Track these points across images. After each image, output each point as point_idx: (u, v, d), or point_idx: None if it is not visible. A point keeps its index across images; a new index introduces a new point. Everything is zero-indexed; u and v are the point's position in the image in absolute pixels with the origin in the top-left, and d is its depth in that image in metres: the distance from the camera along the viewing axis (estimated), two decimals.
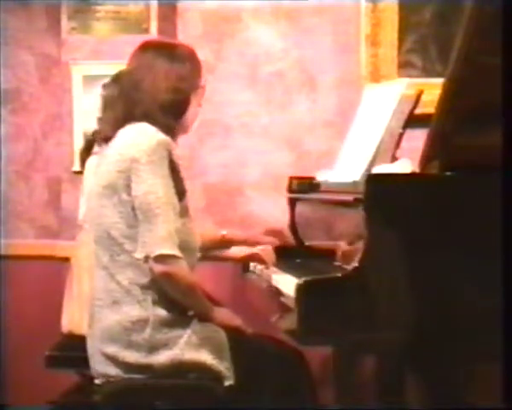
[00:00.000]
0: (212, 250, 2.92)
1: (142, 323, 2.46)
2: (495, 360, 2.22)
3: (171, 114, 2.55)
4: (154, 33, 3.72)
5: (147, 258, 2.43)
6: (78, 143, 3.81)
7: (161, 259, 2.42)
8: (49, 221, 3.98)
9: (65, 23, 3.83)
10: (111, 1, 3.80)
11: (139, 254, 2.44)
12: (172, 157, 2.47)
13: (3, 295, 3.87)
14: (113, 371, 2.49)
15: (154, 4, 3.78)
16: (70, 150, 3.84)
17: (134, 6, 3.80)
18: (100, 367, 2.52)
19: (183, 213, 2.52)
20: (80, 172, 3.77)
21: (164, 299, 2.47)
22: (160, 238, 2.41)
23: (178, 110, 2.58)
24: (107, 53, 3.77)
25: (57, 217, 3.91)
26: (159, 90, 2.55)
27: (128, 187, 2.45)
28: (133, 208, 2.45)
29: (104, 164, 2.53)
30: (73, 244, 3.35)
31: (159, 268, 2.43)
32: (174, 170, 2.48)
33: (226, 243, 2.97)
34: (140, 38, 2.81)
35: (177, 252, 2.43)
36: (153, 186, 2.43)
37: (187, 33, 3.67)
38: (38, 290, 3.89)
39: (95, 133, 2.96)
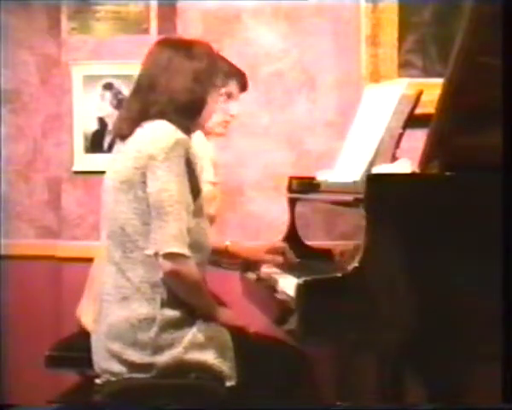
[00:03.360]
0: (214, 259, 2.89)
1: (149, 321, 2.46)
2: (495, 360, 2.22)
3: (187, 114, 2.55)
4: (153, 33, 3.72)
5: (156, 255, 2.44)
6: (78, 143, 3.82)
7: (170, 257, 2.42)
8: (49, 221, 3.98)
9: (65, 23, 3.83)
10: (111, 1, 3.80)
11: (150, 251, 2.45)
12: (189, 156, 2.48)
13: (3, 295, 3.87)
14: (116, 367, 2.49)
15: (153, 4, 3.78)
16: (70, 150, 3.84)
17: (134, 6, 3.80)
18: (103, 363, 2.53)
19: (198, 212, 2.53)
20: (80, 173, 3.79)
21: (172, 299, 2.48)
22: (170, 236, 2.42)
23: (195, 110, 2.58)
24: (107, 53, 3.77)
25: (57, 217, 3.91)
26: (174, 90, 2.54)
27: (144, 184, 2.46)
28: (148, 205, 2.46)
29: (121, 160, 2.54)
30: (83, 245, 3.33)
31: (167, 266, 2.43)
32: (190, 169, 2.49)
33: (228, 255, 2.94)
34: (140, 38, 2.82)
35: (186, 251, 2.43)
36: (167, 184, 2.43)
37: (187, 33, 3.67)
38: (38, 290, 3.89)
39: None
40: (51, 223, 3.97)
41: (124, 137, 2.57)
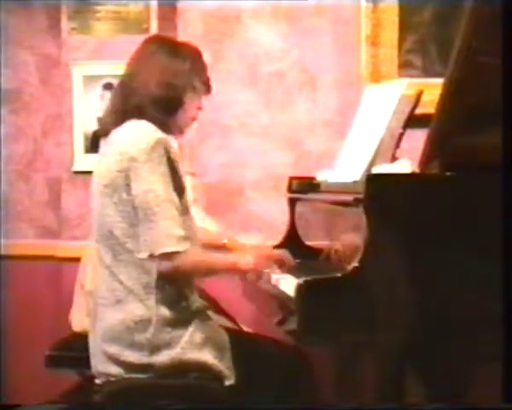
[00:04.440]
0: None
1: (145, 322, 2.46)
2: (495, 360, 2.22)
3: (161, 110, 2.54)
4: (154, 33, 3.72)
5: (151, 257, 2.44)
6: (79, 143, 3.82)
7: (166, 257, 2.42)
8: (49, 221, 3.98)
9: (65, 23, 3.83)
10: (111, 1, 3.80)
11: (142, 254, 2.45)
12: (171, 155, 2.47)
13: (3, 295, 3.87)
14: (114, 370, 2.49)
15: (154, 4, 3.78)
16: (70, 150, 3.84)
17: (134, 6, 3.80)
18: (101, 367, 2.52)
19: (183, 210, 2.52)
20: (80, 173, 3.79)
21: (167, 298, 2.48)
22: (161, 236, 2.42)
23: (169, 106, 2.57)
24: (108, 53, 3.77)
25: (57, 217, 3.91)
26: (152, 83, 2.54)
27: (128, 186, 2.45)
28: (134, 207, 2.45)
29: (104, 163, 2.53)
30: (82, 245, 3.34)
31: (165, 266, 2.44)
32: (172, 168, 2.48)
33: (227, 252, 2.93)
34: (140, 38, 2.81)
35: (180, 247, 2.42)
36: (151, 185, 2.43)
37: (187, 33, 3.67)
38: (38, 290, 3.89)
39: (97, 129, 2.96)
40: (51, 223, 3.97)
41: (107, 132, 2.57)
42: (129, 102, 2.54)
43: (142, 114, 2.53)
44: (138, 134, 2.49)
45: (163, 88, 2.55)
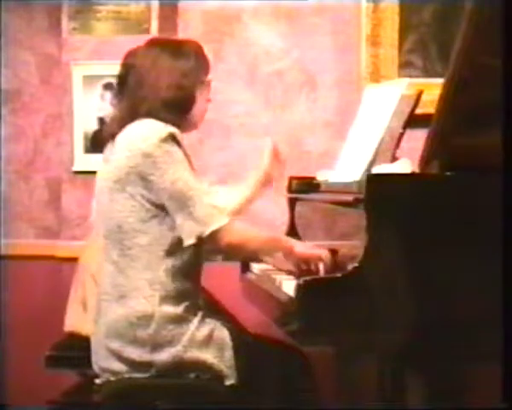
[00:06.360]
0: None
1: (147, 318, 2.47)
2: (495, 360, 2.22)
3: (175, 111, 2.57)
4: (154, 33, 3.72)
5: (200, 239, 2.45)
6: (79, 143, 3.82)
7: (214, 235, 2.45)
8: (49, 221, 3.98)
9: (65, 23, 3.83)
10: (112, 1, 3.80)
11: (189, 241, 2.46)
12: (182, 148, 2.49)
13: (3, 295, 3.87)
14: (116, 366, 2.50)
15: (154, 4, 3.78)
16: (70, 150, 3.84)
17: (135, 6, 3.80)
18: (103, 363, 2.53)
19: None
20: (80, 173, 3.79)
21: (171, 295, 2.49)
22: (204, 217, 2.45)
23: (183, 107, 2.60)
24: (108, 53, 3.77)
25: (57, 217, 3.91)
26: (162, 87, 2.56)
27: (143, 181, 2.47)
28: (146, 201, 2.47)
29: (113, 160, 2.55)
30: (82, 245, 3.34)
31: (218, 244, 2.48)
32: (186, 159, 2.51)
33: None
34: (141, 38, 2.82)
35: (223, 221, 2.47)
36: (176, 174, 2.46)
37: (187, 33, 3.67)
38: (38, 290, 3.89)
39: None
40: (51, 223, 3.97)
41: (114, 135, 2.58)
42: (139, 108, 2.56)
43: (154, 117, 2.54)
44: (148, 130, 2.51)
45: (174, 90, 2.57)
